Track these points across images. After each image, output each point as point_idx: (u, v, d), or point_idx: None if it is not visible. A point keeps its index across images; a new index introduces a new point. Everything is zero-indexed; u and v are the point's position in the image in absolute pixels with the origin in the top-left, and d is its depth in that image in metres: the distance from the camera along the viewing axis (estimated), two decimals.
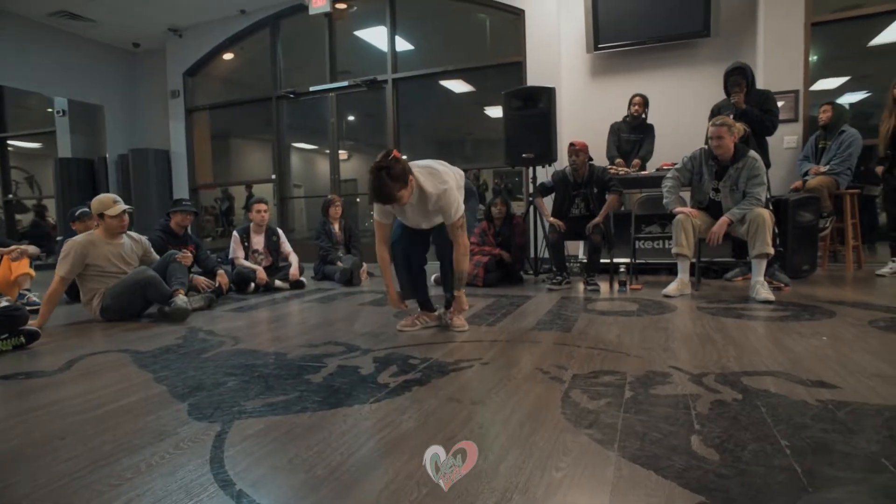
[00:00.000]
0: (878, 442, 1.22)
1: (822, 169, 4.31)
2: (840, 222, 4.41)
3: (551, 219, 3.98)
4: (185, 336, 2.68)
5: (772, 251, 3.18)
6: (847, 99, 5.60)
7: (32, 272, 3.83)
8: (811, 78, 5.01)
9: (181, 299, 3.12)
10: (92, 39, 7.61)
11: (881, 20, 4.91)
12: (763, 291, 3.13)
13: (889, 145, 3.91)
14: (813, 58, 5.01)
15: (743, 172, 3.31)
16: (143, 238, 3.48)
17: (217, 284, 3.87)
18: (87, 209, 4.26)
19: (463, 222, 2.45)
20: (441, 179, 2.38)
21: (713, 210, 3.48)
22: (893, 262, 4.02)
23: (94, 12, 6.74)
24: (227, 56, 7.66)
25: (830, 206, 4.27)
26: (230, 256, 4.51)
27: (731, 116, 3.68)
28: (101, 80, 7.80)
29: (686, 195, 3.71)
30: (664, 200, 3.57)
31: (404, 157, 2.30)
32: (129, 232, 3.37)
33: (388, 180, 2.22)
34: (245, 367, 2.04)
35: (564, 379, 1.75)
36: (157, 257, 3.51)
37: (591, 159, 4.04)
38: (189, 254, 3.60)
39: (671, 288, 3.40)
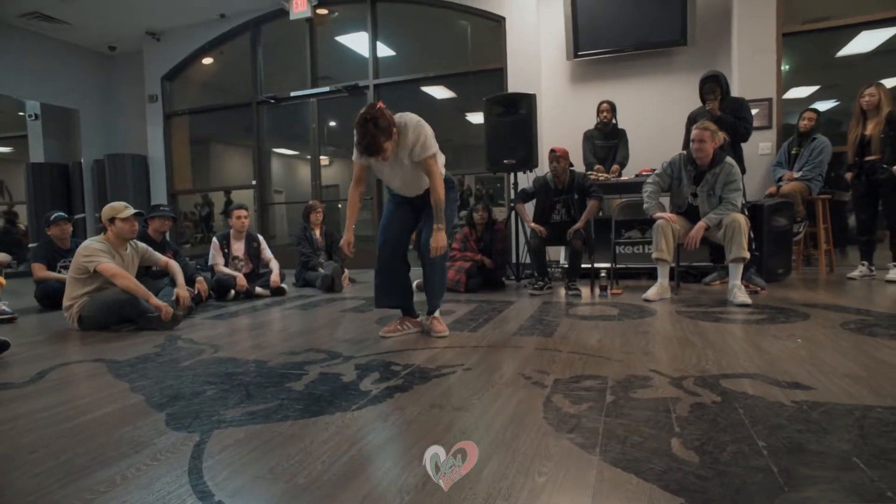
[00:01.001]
0: (850, 441, 1.25)
1: (796, 175, 4.42)
2: (813, 227, 4.53)
3: (533, 225, 4.00)
4: (163, 344, 2.63)
5: (748, 255, 3.25)
6: (817, 107, 5.76)
7: (3, 280, 3.73)
8: (784, 86, 5.15)
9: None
10: (66, 42, 7.47)
11: (847, 32, 5.09)
12: (740, 295, 3.19)
13: (857, 152, 4.03)
14: (785, 67, 5.15)
15: (720, 178, 3.38)
16: (138, 242, 3.42)
17: (196, 292, 3.81)
18: (62, 214, 4.17)
19: (435, 160, 2.43)
20: (420, 124, 2.42)
21: (691, 215, 3.54)
22: (863, 265, 4.13)
23: (69, 14, 6.62)
24: (207, 60, 7.57)
25: (803, 211, 4.38)
26: (209, 263, 4.44)
27: None
28: (75, 84, 7.65)
29: (665, 201, 3.77)
30: (644, 206, 3.63)
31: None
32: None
33: (376, 131, 2.23)
34: (225, 375, 2.01)
35: (546, 384, 1.76)
36: (159, 256, 3.50)
37: (571, 165, 4.09)
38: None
39: (651, 292, 3.45)
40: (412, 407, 1.58)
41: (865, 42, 5.12)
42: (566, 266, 4.03)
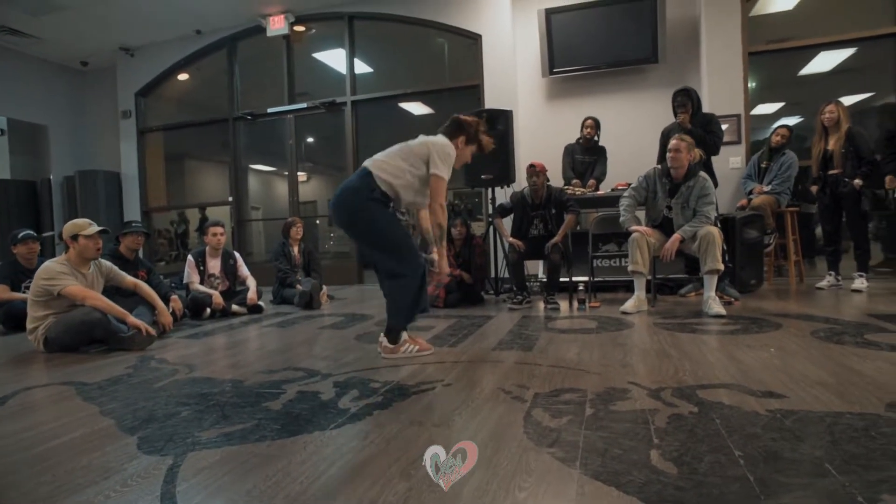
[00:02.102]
0: (822, 447, 1.27)
1: (765, 188, 4.55)
2: (782, 239, 4.65)
3: (511, 239, 4.04)
4: (135, 365, 2.55)
5: (722, 267, 3.32)
6: (781, 123, 5.97)
7: None
8: (751, 103, 5.32)
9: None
10: (36, 57, 7.33)
11: (808, 52, 5.31)
12: (715, 306, 3.25)
13: (821, 167, 4.18)
14: (752, 84, 5.33)
15: (694, 191, 3.46)
16: (102, 261, 3.30)
17: (171, 311, 3.71)
18: (30, 232, 4.05)
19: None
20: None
21: (666, 227, 3.61)
22: (830, 275, 4.26)
23: (39, 29, 6.50)
24: (183, 76, 7.51)
25: (773, 223, 4.51)
26: (185, 281, 4.36)
27: None
28: (45, 99, 7.49)
29: (641, 214, 3.84)
30: (620, 219, 3.69)
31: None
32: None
33: None
34: (200, 395, 1.96)
35: (526, 398, 1.76)
36: (126, 277, 3.36)
37: (548, 180, 4.14)
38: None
39: (629, 305, 3.49)
40: (391, 424, 1.56)
41: (824, 62, 5.35)
42: (544, 280, 4.05)
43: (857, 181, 3.95)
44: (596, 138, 4.98)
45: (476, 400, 1.77)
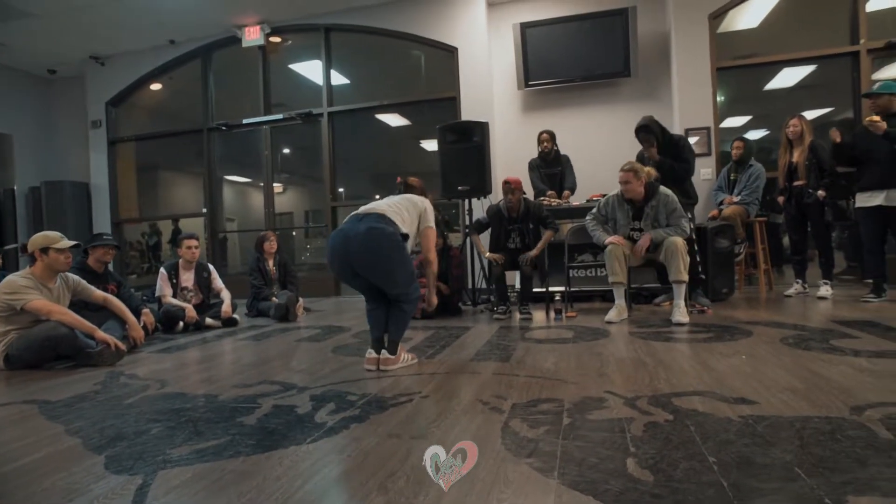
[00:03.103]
0: (791, 451, 1.31)
1: (735, 199, 4.68)
2: (752, 248, 4.78)
3: (489, 255, 4.08)
4: (103, 382, 2.48)
5: (685, 278, 3.40)
6: (750, 136, 6.17)
7: None
8: (721, 116, 5.49)
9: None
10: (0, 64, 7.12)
11: (772, 68, 5.52)
12: (677, 314, 3.35)
13: (786, 178, 4.32)
14: (721, 98, 5.49)
15: (660, 209, 3.53)
16: (69, 274, 3.19)
17: (142, 324, 3.61)
18: None
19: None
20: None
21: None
22: (798, 283, 4.39)
23: (3, 35, 6.32)
24: (155, 86, 7.38)
25: (743, 233, 4.63)
26: (157, 294, 4.25)
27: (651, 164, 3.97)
28: (10, 108, 7.27)
29: None
30: (594, 238, 3.74)
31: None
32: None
33: None
34: (172, 411, 1.91)
35: (504, 409, 1.76)
36: (93, 289, 3.25)
37: (524, 194, 4.19)
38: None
39: (612, 314, 3.56)
40: (369, 437, 1.55)
41: (787, 77, 5.56)
42: (518, 290, 4.10)
43: (821, 192, 4.09)
44: (555, 149, 5.03)
45: (454, 411, 1.77)
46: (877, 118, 3.62)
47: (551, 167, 5.03)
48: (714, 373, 2.10)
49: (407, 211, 2.58)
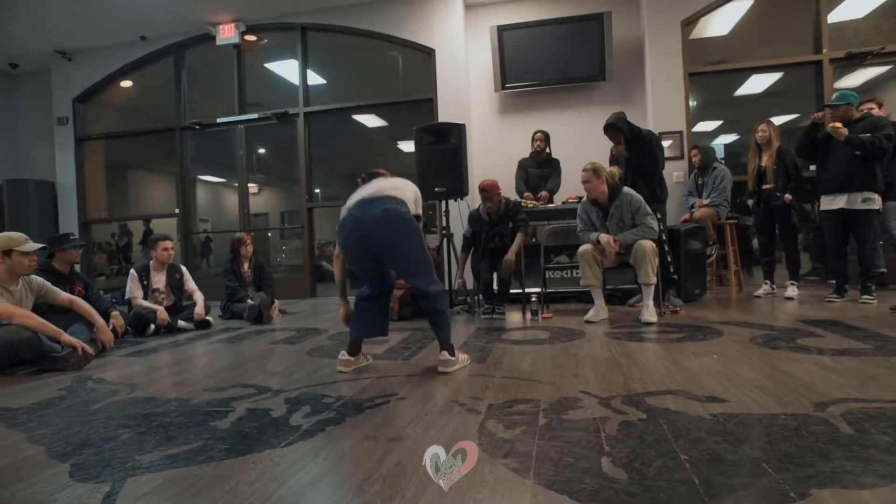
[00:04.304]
0: (760, 448, 1.34)
1: (705, 202, 4.79)
2: (723, 249, 4.90)
3: (469, 271, 4.19)
4: (69, 387, 2.40)
5: (653, 281, 3.46)
6: (721, 140, 6.34)
7: None
8: (693, 121, 5.61)
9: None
10: None
11: (742, 74, 5.68)
12: (646, 314, 3.43)
13: (756, 181, 4.44)
14: (693, 103, 5.62)
15: (624, 209, 3.59)
16: (33, 276, 3.07)
17: (111, 327, 3.51)
18: None
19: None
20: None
21: None
22: (766, 283, 4.51)
23: None
24: (126, 83, 7.20)
25: (714, 234, 4.74)
26: (126, 297, 4.14)
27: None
28: None
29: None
30: (587, 240, 3.72)
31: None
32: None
33: None
34: (142, 416, 1.87)
35: (480, 410, 1.77)
36: (58, 291, 3.14)
37: (500, 191, 4.21)
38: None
39: (591, 314, 3.61)
40: (345, 440, 1.54)
41: (756, 84, 5.73)
42: (495, 290, 4.12)
43: (788, 196, 4.22)
44: (547, 150, 5.10)
45: (431, 413, 1.76)
46: (839, 125, 3.76)
47: (541, 168, 5.08)
48: (686, 372, 2.14)
49: (406, 195, 2.46)
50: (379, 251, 2.33)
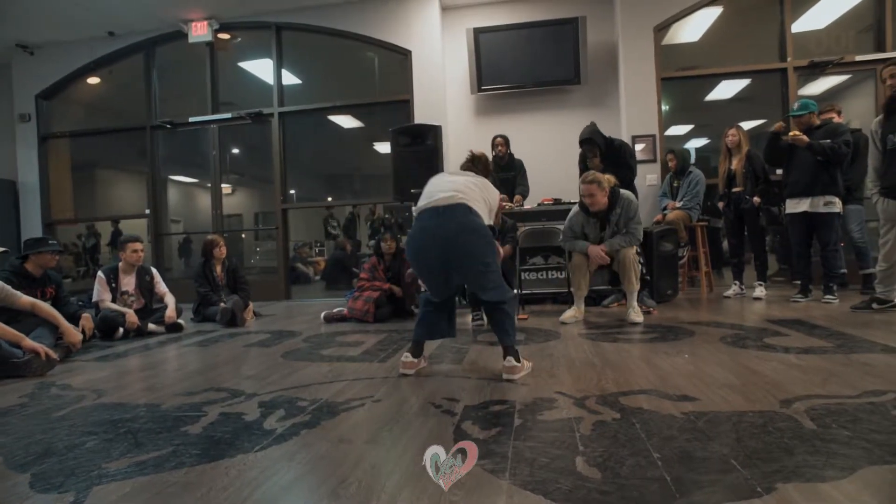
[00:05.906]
0: (728, 445, 1.37)
1: (678, 204, 4.89)
2: (694, 251, 5.01)
3: None
4: (31, 394, 2.32)
5: (636, 287, 3.54)
6: (692, 144, 6.49)
7: None
8: (665, 124, 5.73)
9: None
10: None
11: (712, 80, 5.84)
12: (632, 315, 3.50)
13: (726, 185, 4.56)
14: (665, 108, 5.74)
15: (621, 215, 3.60)
16: None
17: (80, 328, 3.39)
18: None
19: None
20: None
21: None
22: (735, 284, 4.63)
23: None
24: (93, 80, 7.00)
25: (686, 236, 4.84)
26: (94, 300, 4.02)
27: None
28: None
29: None
30: (575, 249, 3.72)
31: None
32: None
33: None
34: (109, 423, 1.82)
35: (456, 411, 1.77)
36: (19, 295, 3.01)
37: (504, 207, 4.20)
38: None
39: (567, 315, 3.65)
40: (320, 443, 1.52)
41: (726, 90, 5.88)
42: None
43: (756, 199, 4.34)
44: (509, 154, 5.11)
45: (406, 415, 1.76)
46: (798, 132, 3.90)
47: (505, 171, 5.10)
48: (659, 371, 2.18)
49: (477, 200, 2.32)
50: (451, 266, 2.24)
